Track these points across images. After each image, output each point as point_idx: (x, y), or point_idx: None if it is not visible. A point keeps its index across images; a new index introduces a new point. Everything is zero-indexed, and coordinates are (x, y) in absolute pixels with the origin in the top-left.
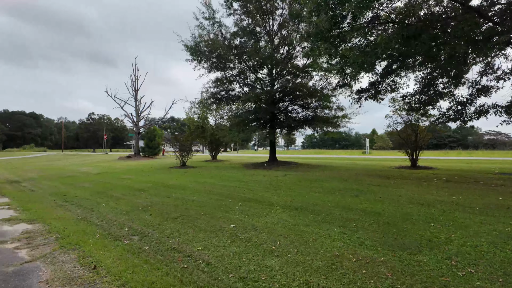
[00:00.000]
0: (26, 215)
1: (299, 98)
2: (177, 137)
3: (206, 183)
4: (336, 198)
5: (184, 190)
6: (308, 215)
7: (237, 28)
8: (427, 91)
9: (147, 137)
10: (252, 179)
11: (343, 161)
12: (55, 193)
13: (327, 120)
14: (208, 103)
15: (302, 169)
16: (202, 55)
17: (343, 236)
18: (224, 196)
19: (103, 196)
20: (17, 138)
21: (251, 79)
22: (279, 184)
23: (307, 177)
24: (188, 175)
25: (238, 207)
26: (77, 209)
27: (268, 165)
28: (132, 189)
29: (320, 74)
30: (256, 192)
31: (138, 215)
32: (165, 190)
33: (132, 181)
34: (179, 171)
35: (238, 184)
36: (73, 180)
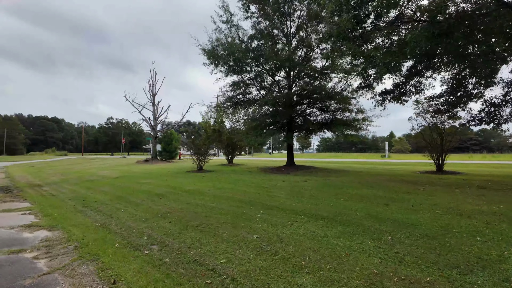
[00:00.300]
0: (46, 221)
1: (317, 101)
2: (194, 141)
3: (225, 188)
4: (364, 206)
5: (203, 196)
6: (336, 225)
7: (255, 31)
8: (456, 92)
9: (164, 141)
10: (272, 184)
11: (363, 165)
12: (75, 198)
13: (348, 123)
14: (225, 107)
15: (322, 174)
16: (219, 58)
17: (379, 251)
18: (245, 203)
19: (122, 201)
20: (40, 142)
21: (267, 82)
22: (301, 190)
23: (330, 182)
24: (206, 180)
25: (260, 215)
26: (96, 215)
27: (286, 169)
28: (151, 194)
29: (340, 76)
30: (278, 199)
31: (157, 223)
32: (184, 195)
33: (150, 185)
34: (196, 175)
35: (258, 190)
36: (92, 184)
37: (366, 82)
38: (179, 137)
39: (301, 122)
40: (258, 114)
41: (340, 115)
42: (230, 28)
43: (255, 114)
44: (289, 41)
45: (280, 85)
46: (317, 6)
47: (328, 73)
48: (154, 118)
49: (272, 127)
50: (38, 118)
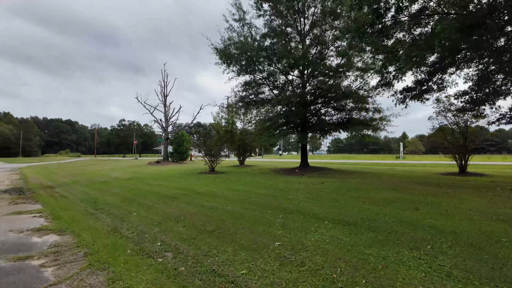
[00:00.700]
0: (56, 225)
1: (333, 100)
2: (206, 142)
3: (239, 190)
4: (392, 211)
5: (216, 198)
6: (365, 232)
7: (267, 29)
8: (482, 89)
9: (175, 142)
10: (288, 186)
11: (378, 166)
12: (86, 200)
13: (365, 123)
14: (237, 107)
15: (339, 176)
16: (231, 57)
17: (419, 263)
18: (261, 206)
19: (134, 203)
20: (54, 144)
21: (280, 81)
22: (319, 193)
23: (349, 185)
24: (219, 182)
25: (280, 220)
26: (107, 218)
27: (300, 170)
28: (163, 196)
29: (356, 74)
30: (297, 202)
31: (170, 227)
32: (197, 198)
33: (162, 187)
34: (208, 177)
35: (274, 192)
36: (104, 186)
37: (385, 80)
38: (190, 139)
39: (315, 122)
40: (270, 114)
41: (357, 114)
42: (243, 27)
43: (268, 114)
44: (303, 39)
45: (294, 84)
46: (332, 3)
47: (344, 71)
48: (165, 120)
49: (285, 127)
50: (53, 121)
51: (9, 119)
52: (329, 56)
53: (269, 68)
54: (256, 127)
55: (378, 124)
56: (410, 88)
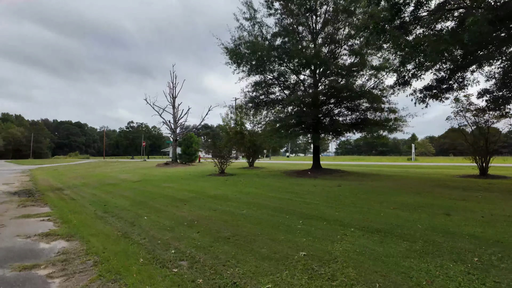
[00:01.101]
0: (64, 229)
1: (346, 100)
2: (216, 144)
3: (252, 193)
4: (422, 216)
5: (230, 201)
6: (398, 241)
7: (278, 28)
8: (508, 87)
9: (184, 144)
10: (303, 189)
11: (392, 168)
12: (96, 202)
13: (381, 124)
14: (247, 108)
15: (354, 178)
16: (242, 57)
17: (470, 278)
18: (278, 210)
19: (144, 207)
20: (64, 146)
21: (291, 81)
22: (338, 197)
23: (367, 188)
24: (230, 184)
25: (301, 227)
26: (117, 222)
27: (313, 173)
28: (174, 199)
29: (370, 72)
30: (315, 206)
31: (184, 232)
32: (209, 201)
33: (172, 189)
34: (219, 179)
35: (289, 195)
36: (113, 188)
37: (402, 78)
38: (199, 140)
39: (328, 122)
40: (281, 115)
41: (371, 114)
42: (253, 26)
43: (278, 115)
44: (315, 38)
45: (305, 84)
46: (345, 0)
47: (357, 70)
48: (174, 121)
49: (297, 128)
50: (63, 123)
51: (21, 121)
52: (342, 55)
53: (279, 68)
54: (266, 128)
55: (394, 125)
56: (430, 86)
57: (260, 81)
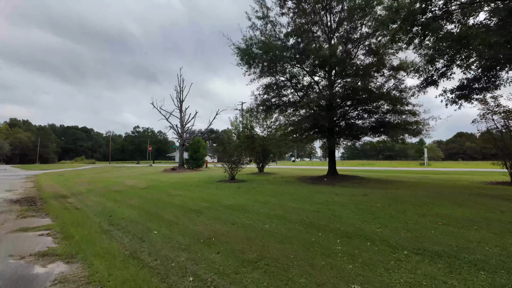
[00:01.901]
0: (65, 247)
1: (365, 102)
2: (226, 148)
3: (271, 203)
4: (484, 235)
5: (248, 213)
6: (472, 270)
7: (292, 28)
8: None
9: (191, 149)
10: (326, 199)
11: (409, 174)
12: (101, 213)
13: (404, 127)
14: (258, 111)
15: (376, 186)
16: (253, 58)
17: None
18: (306, 225)
19: (154, 218)
20: (70, 151)
21: (304, 83)
22: (369, 208)
23: (398, 198)
24: (243, 192)
25: (341, 248)
26: (124, 238)
27: (329, 179)
28: (186, 209)
29: (390, 73)
30: (348, 220)
31: (201, 252)
32: (225, 212)
33: (183, 198)
34: (230, 186)
35: (314, 206)
36: (120, 196)
37: (431, 77)
38: (207, 145)
39: (344, 126)
40: (293, 118)
41: (392, 117)
42: (266, 25)
43: (290, 118)
44: (330, 37)
45: (321, 86)
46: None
47: (376, 70)
48: (181, 125)
49: (312, 131)
50: (69, 128)
51: (28, 126)
52: (359, 55)
53: (292, 70)
54: (278, 132)
55: (418, 128)
56: (463, 86)
57: (272, 83)
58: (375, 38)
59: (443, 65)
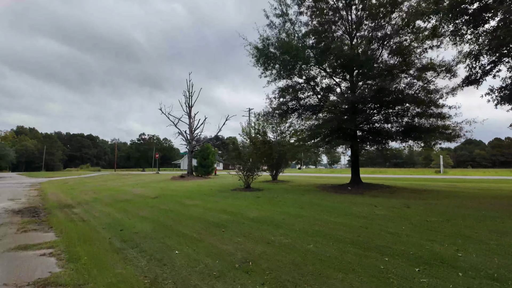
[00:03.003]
0: (71, 273)
1: (394, 104)
2: (241, 155)
3: (303, 217)
4: None
5: (280, 229)
6: None
7: (311, 27)
8: None
9: (200, 156)
10: (365, 211)
11: (432, 182)
12: (110, 225)
13: (438, 131)
14: (273, 115)
15: (411, 196)
16: (271, 58)
17: None
18: (361, 246)
19: (171, 233)
20: (76, 158)
21: (323, 85)
22: (426, 223)
23: (446, 210)
24: (265, 202)
25: (427, 281)
26: (141, 259)
27: (354, 188)
28: (206, 222)
29: (416, 74)
30: (410, 239)
31: (241, 283)
32: (253, 227)
33: (199, 209)
34: (247, 195)
35: (358, 221)
36: (129, 206)
37: (475, 75)
38: (216, 151)
39: (369, 130)
40: (311, 122)
41: (422, 120)
42: (284, 23)
43: (306, 122)
44: (352, 36)
45: (343, 87)
46: None
47: (405, 70)
48: (190, 131)
49: (334, 136)
50: (75, 136)
51: (35, 134)
52: (384, 54)
53: (308, 72)
54: (293, 137)
55: (456, 132)
56: None
57: (289, 85)
58: (404, 36)
59: (489, 61)
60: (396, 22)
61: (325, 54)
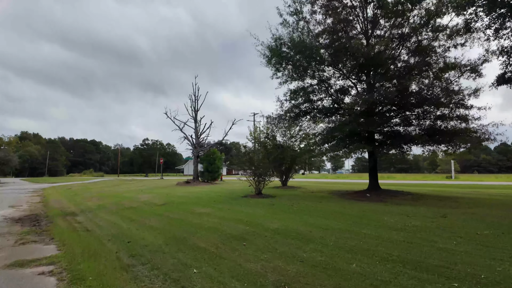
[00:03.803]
0: None
1: (414, 106)
2: (253, 159)
3: (332, 229)
4: None
5: (311, 243)
6: None
7: (324, 27)
8: None
9: (206, 161)
10: (401, 222)
11: (451, 189)
12: (116, 237)
13: (469, 133)
14: (286, 118)
15: (439, 204)
16: (283, 58)
17: None
18: (415, 266)
19: (185, 247)
20: (79, 164)
21: (336, 86)
22: (478, 236)
23: (493, 220)
24: (282, 211)
25: None
26: (154, 280)
27: (374, 195)
28: (223, 235)
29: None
30: (471, 258)
31: None
32: (278, 240)
33: (212, 218)
34: (260, 202)
35: (397, 234)
36: (136, 214)
37: (508, 74)
38: (222, 156)
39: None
40: (331, 125)
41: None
42: (298, 22)
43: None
44: (369, 35)
45: (359, 88)
46: None
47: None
48: (196, 136)
49: (353, 139)
50: (79, 141)
51: (38, 140)
52: (403, 54)
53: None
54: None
55: (486, 134)
56: None
57: (302, 88)
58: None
59: None
60: (416, 20)
61: (340, 53)
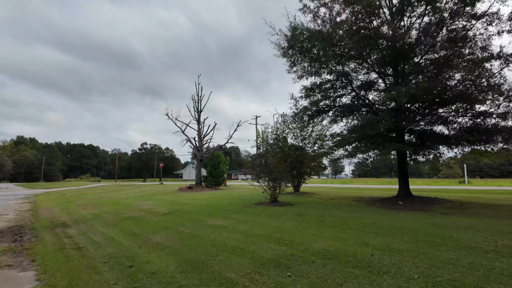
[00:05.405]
0: None
1: (452, 102)
2: (268, 162)
3: (399, 251)
4: None
5: (383, 274)
6: None
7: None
8: None
9: (210, 165)
10: (477, 241)
11: (478, 194)
12: (115, 259)
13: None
14: (303, 116)
15: (491, 213)
16: (303, 51)
17: None
18: None
19: (207, 277)
20: (76, 169)
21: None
22: None
23: None
24: (316, 224)
25: None
26: None
27: (406, 202)
28: (254, 258)
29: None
30: None
31: None
32: (335, 270)
33: (233, 233)
34: (282, 212)
35: (487, 260)
36: (137, 226)
37: None
38: (228, 160)
39: (421, 131)
40: (356, 122)
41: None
42: (319, 8)
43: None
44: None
45: (390, 82)
46: None
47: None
48: (199, 138)
49: (387, 137)
50: (75, 146)
51: (34, 144)
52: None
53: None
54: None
55: None
56: None
57: (320, 82)
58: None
59: None
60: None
61: (368, 43)
